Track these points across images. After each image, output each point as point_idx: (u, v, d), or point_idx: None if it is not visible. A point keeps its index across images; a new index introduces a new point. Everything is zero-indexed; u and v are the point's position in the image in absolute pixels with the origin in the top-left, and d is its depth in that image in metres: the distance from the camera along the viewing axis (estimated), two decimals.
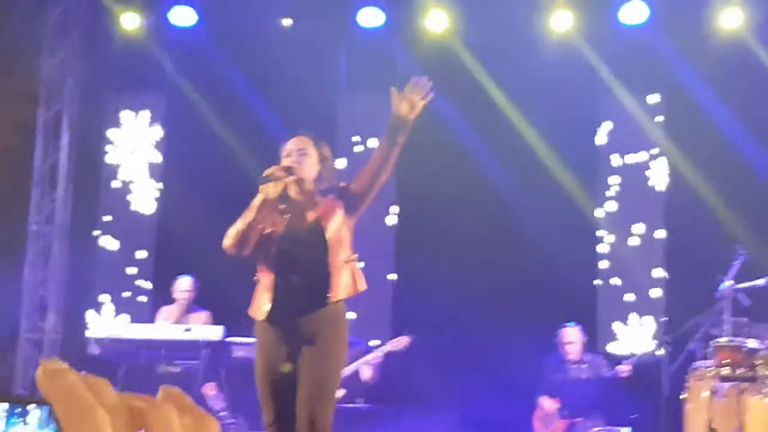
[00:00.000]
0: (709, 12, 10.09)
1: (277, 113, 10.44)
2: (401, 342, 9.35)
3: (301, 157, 5.37)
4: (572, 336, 9.20)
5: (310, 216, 5.31)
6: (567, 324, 9.36)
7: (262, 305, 5.23)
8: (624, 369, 8.87)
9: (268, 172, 5.24)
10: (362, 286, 5.37)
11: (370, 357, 9.31)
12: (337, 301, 5.26)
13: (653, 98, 10.73)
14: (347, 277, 5.29)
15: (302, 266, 5.25)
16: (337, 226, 5.36)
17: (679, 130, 10.60)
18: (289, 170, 5.29)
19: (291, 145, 5.40)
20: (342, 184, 5.49)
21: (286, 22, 10.59)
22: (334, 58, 11.06)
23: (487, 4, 10.45)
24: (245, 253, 5.23)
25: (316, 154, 5.44)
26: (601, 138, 10.84)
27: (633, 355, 9.08)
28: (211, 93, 10.96)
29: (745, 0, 9.89)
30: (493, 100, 10.65)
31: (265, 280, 5.26)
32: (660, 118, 10.73)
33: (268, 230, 5.27)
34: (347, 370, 9.03)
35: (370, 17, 10.59)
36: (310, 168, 5.40)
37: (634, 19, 10.25)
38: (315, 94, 10.80)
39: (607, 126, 10.85)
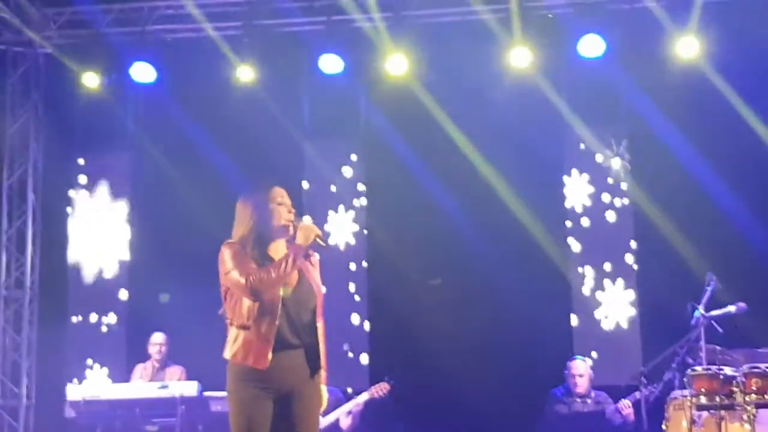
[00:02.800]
0: (665, 42, 10.18)
1: (242, 161, 10.46)
2: (381, 388, 9.31)
3: (293, 210, 5.39)
4: (581, 369, 9.15)
5: (298, 272, 5.31)
6: (576, 357, 9.35)
7: (259, 355, 5.10)
8: (626, 405, 8.81)
9: (316, 231, 5.26)
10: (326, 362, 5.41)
11: (350, 405, 9.27)
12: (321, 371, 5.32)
13: (614, 130, 10.81)
14: (324, 349, 5.33)
15: (300, 322, 5.23)
16: (319, 288, 5.40)
17: (641, 163, 10.67)
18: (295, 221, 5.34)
19: (282, 198, 5.35)
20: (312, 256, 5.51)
21: (247, 72, 10.59)
22: (297, 105, 11.10)
23: (445, 44, 10.50)
24: (260, 299, 5.15)
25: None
26: (565, 176, 10.90)
27: (631, 391, 8.98)
28: (175, 147, 10.96)
29: (699, 29, 9.99)
30: (455, 141, 10.70)
31: (261, 328, 5.13)
32: (622, 152, 10.81)
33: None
34: (328, 419, 9.02)
35: (331, 63, 10.62)
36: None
37: (592, 53, 10.32)
38: (279, 141, 10.84)
39: (570, 162, 10.91)
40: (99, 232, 11.38)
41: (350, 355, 10.74)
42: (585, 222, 10.82)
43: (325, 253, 5.52)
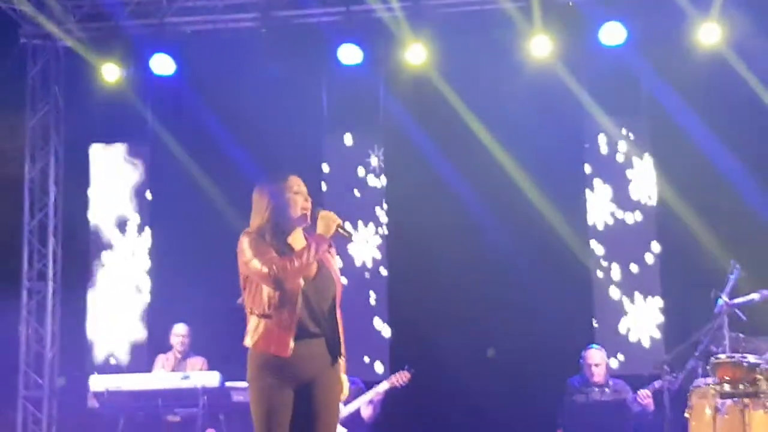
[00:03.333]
0: (687, 29, 10.12)
1: (260, 154, 10.46)
2: (402, 377, 9.31)
3: (310, 199, 5.39)
4: (598, 358, 9.09)
5: (318, 262, 5.29)
6: (592, 345, 9.30)
7: (281, 343, 5.10)
8: (645, 394, 8.77)
9: (340, 220, 5.28)
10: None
11: (371, 394, 9.27)
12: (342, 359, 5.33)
13: (636, 119, 10.76)
14: (342, 339, 5.33)
15: (320, 311, 5.23)
16: (338, 277, 5.41)
17: (663, 149, 10.62)
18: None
19: (300, 186, 5.35)
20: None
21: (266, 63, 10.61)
22: (316, 96, 11.09)
23: (464, 34, 10.47)
24: (285, 288, 5.14)
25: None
26: (586, 162, 10.85)
27: (653, 380, 8.94)
28: (194, 140, 10.97)
29: (721, 14, 9.91)
30: (474, 132, 10.66)
31: (282, 317, 5.13)
32: (644, 138, 10.76)
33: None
34: (349, 409, 9.02)
35: (350, 54, 10.60)
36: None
37: (614, 40, 10.26)
38: (298, 133, 10.84)
39: (591, 151, 10.86)
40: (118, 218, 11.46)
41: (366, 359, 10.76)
42: (607, 216, 10.77)
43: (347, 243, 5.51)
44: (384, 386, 9.31)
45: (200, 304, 10.06)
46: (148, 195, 11.45)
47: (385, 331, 10.90)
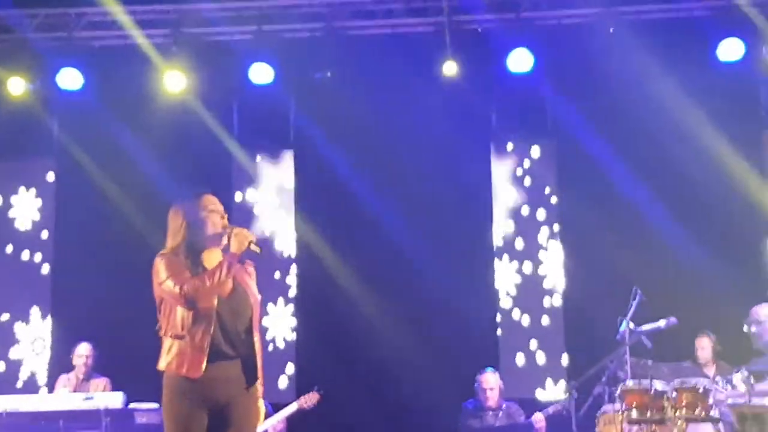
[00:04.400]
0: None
1: (170, 172, 10.37)
2: (310, 399, 9.24)
3: (225, 217, 5.33)
4: (491, 382, 9.19)
5: (233, 282, 5.24)
6: (486, 369, 9.36)
7: (193, 364, 5.05)
8: (539, 419, 8.88)
9: (252, 235, 5.21)
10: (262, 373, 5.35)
11: (281, 415, 9.18)
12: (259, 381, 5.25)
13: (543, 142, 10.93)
14: (260, 361, 5.26)
15: (236, 331, 5.17)
16: (256, 298, 5.33)
17: (569, 172, 10.78)
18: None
19: (215, 205, 5.31)
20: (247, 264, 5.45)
21: (176, 80, 10.50)
22: (228, 115, 11.02)
23: (373, 55, 10.53)
24: (196, 307, 5.08)
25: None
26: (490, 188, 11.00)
27: (549, 403, 9.07)
28: (102, 155, 10.83)
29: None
30: (384, 147, 10.70)
31: (195, 338, 5.08)
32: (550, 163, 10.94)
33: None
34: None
35: (261, 73, 10.56)
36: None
37: (522, 67, 10.40)
38: (210, 151, 10.77)
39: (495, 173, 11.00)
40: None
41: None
42: (510, 228, 10.91)
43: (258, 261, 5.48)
44: (292, 408, 9.24)
45: (104, 324, 9.90)
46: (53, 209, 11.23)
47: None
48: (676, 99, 10.03)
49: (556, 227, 10.86)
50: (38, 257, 11.20)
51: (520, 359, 10.62)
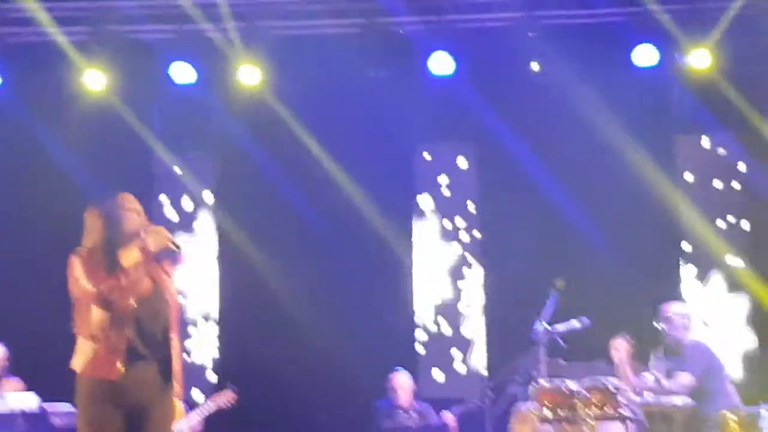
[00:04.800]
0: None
1: (91, 172, 10.28)
2: (225, 397, 9.18)
3: (143, 215, 5.30)
4: (401, 382, 9.22)
5: (151, 282, 5.22)
6: (396, 369, 9.40)
7: (108, 365, 5.02)
8: (449, 417, 8.95)
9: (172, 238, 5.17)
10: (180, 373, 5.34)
11: (194, 415, 9.11)
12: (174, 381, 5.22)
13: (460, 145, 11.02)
14: (177, 359, 5.25)
15: (151, 332, 5.14)
16: (174, 299, 5.32)
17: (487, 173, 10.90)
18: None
19: (132, 204, 5.29)
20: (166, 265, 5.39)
21: (96, 78, 10.40)
22: (148, 114, 10.94)
23: (299, 55, 10.52)
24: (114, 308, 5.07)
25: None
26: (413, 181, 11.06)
27: (460, 402, 9.13)
28: (20, 154, 10.68)
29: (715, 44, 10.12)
30: (310, 150, 10.72)
31: (111, 338, 5.05)
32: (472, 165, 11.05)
33: (119, 290, 5.09)
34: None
35: (182, 73, 10.49)
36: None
37: (442, 70, 10.46)
38: (131, 151, 10.69)
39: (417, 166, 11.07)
40: None
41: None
42: (430, 224, 11.00)
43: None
44: (209, 407, 9.16)
45: (16, 322, 9.76)
46: None
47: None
48: (594, 104, 10.17)
49: (476, 233, 10.96)
50: None
51: (440, 363, 10.71)
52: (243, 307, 10.73)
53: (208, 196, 11.16)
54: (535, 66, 10.26)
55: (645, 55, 10.26)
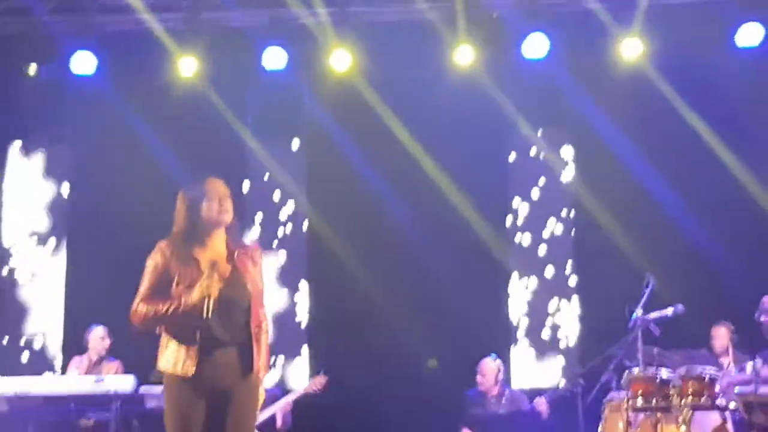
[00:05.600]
0: (609, 43, 10.23)
1: (184, 159, 10.38)
2: (318, 382, 9.24)
3: (227, 202, 5.27)
4: (492, 369, 9.14)
5: (233, 269, 5.20)
6: (487, 356, 9.34)
7: (185, 361, 5.06)
8: (541, 403, 8.86)
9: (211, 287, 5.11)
10: (269, 358, 5.36)
11: (287, 400, 9.19)
12: (257, 371, 5.19)
13: (560, 131, 10.85)
14: (263, 348, 5.22)
15: (227, 323, 5.13)
16: (256, 289, 5.26)
17: (585, 163, 10.74)
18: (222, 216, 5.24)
19: (217, 190, 5.27)
20: (259, 253, 5.37)
21: (189, 65, 10.50)
22: (240, 100, 11.01)
23: (390, 41, 10.48)
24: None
25: (232, 200, 5.37)
26: (508, 172, 10.93)
27: (552, 389, 9.04)
28: (115, 140, 10.84)
29: (643, 30, 10.02)
30: (398, 138, 10.69)
31: (185, 332, 5.08)
32: (566, 151, 10.87)
33: (190, 285, 5.11)
34: (262, 417, 8.97)
35: (274, 59, 10.53)
36: (231, 215, 5.31)
37: (536, 53, 10.32)
38: (221, 136, 10.77)
39: (513, 158, 10.94)
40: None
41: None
42: (527, 219, 10.85)
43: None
44: (299, 392, 9.24)
45: (118, 306, 9.89)
46: (66, 192, 11.28)
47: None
48: (695, 87, 9.97)
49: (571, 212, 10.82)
50: (52, 242, 11.23)
51: (531, 347, 10.61)
52: (330, 295, 10.72)
53: (295, 183, 11.17)
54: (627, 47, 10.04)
55: (750, 35, 9.92)
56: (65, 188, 11.29)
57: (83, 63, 10.58)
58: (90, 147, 11.04)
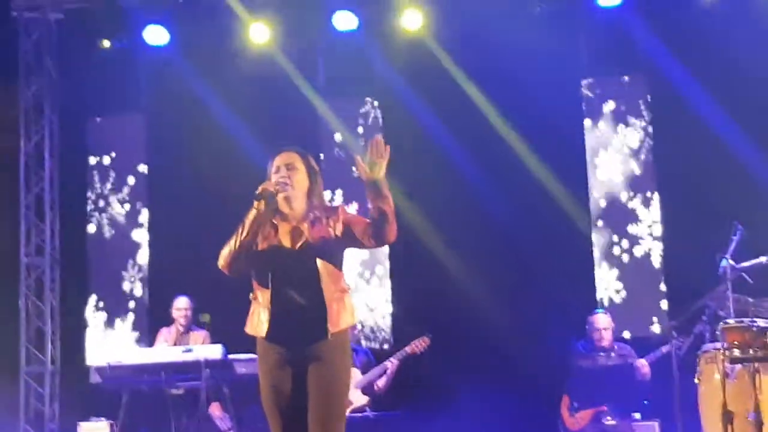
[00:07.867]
0: None
1: (256, 125, 10.41)
2: (422, 343, 9.24)
3: (291, 172, 5.28)
4: (604, 322, 9.04)
5: (303, 234, 5.22)
6: (597, 310, 9.28)
7: (260, 323, 5.14)
8: (642, 363, 8.75)
9: (260, 188, 5.18)
10: (354, 319, 5.32)
11: (388, 363, 9.20)
12: (337, 332, 5.17)
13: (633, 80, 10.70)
14: (344, 309, 5.19)
15: (297, 285, 5.14)
16: (331, 252, 5.24)
17: (661, 112, 10.57)
18: (281, 186, 5.23)
19: (279, 160, 5.32)
20: (340, 209, 5.37)
21: (260, 31, 10.50)
22: (313, 64, 10.98)
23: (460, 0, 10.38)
24: (240, 271, 5.18)
25: (305, 168, 5.35)
26: (585, 133, 10.80)
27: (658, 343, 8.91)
28: (189, 110, 10.88)
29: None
30: (471, 98, 10.58)
31: (261, 297, 5.17)
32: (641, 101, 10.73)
33: (261, 246, 5.18)
34: (369, 377, 9.02)
35: (345, 20, 10.50)
36: (300, 183, 5.30)
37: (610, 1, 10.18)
38: (294, 102, 10.76)
39: (588, 125, 10.81)
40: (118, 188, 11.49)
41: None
42: (604, 177, 10.73)
43: None
44: (402, 353, 9.24)
45: (203, 276, 9.98)
46: (143, 168, 11.39)
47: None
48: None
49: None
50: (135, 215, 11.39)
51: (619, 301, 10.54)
52: (412, 265, 10.70)
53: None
54: None
55: None
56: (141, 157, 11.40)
57: (156, 35, 10.64)
58: (164, 116, 11.09)
